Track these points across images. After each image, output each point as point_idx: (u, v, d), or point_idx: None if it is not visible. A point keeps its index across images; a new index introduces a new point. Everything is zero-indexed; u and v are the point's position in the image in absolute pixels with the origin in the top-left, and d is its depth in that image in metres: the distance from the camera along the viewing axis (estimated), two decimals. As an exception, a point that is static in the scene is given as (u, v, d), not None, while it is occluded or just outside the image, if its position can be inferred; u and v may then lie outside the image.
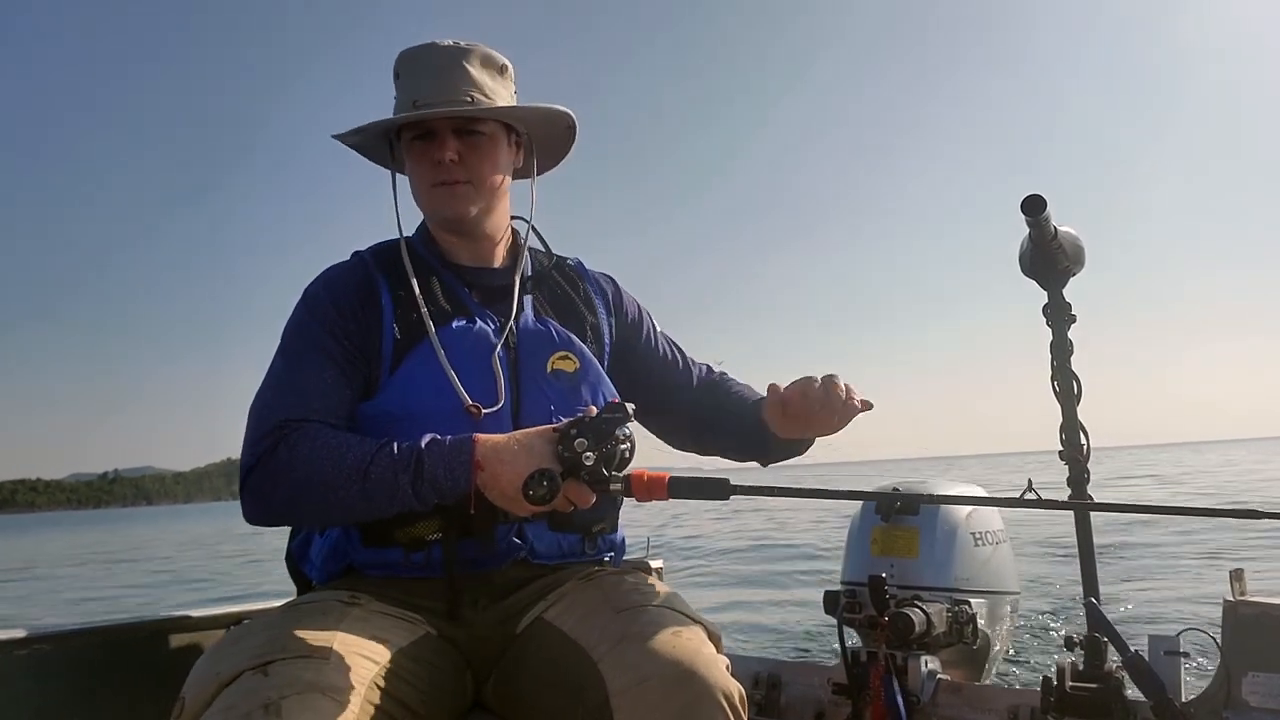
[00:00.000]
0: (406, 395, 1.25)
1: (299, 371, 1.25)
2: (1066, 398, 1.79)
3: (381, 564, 1.26)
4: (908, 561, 1.88)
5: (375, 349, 1.28)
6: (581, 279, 1.50)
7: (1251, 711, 1.52)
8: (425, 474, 1.12)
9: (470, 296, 1.36)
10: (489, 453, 1.11)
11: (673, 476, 1.10)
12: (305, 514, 1.23)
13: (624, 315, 1.52)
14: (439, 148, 1.30)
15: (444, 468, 1.12)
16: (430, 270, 1.37)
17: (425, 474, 1.12)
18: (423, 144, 1.32)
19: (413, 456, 1.13)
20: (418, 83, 1.32)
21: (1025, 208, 1.64)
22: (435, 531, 1.22)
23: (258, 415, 1.22)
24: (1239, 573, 1.61)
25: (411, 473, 1.12)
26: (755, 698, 1.92)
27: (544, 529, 1.30)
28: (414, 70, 1.33)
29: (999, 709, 1.73)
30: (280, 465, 1.15)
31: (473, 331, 1.30)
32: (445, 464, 1.12)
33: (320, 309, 1.30)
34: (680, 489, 1.10)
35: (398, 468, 1.12)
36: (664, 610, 1.17)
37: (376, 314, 1.29)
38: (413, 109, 1.29)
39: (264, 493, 1.17)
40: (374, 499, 1.13)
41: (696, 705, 1.03)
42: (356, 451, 1.14)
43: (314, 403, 1.22)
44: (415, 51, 1.35)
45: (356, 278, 1.34)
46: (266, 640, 1.05)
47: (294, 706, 0.94)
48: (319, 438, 1.16)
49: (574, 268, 1.51)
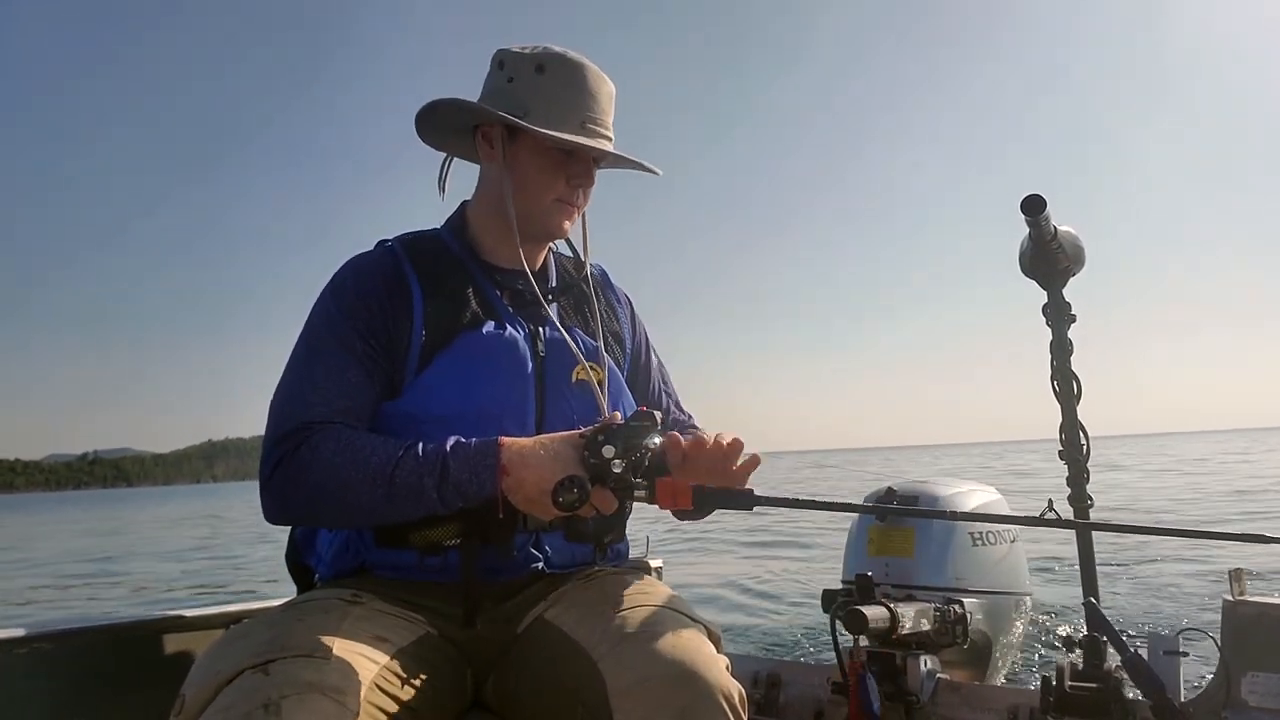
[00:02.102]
0: (432, 398, 1.24)
1: (323, 369, 1.22)
2: (1066, 397, 1.79)
3: (394, 565, 1.25)
4: (903, 561, 1.91)
5: (402, 348, 1.25)
6: (606, 288, 1.51)
7: (1251, 711, 1.52)
8: (450, 477, 1.11)
9: (502, 300, 1.35)
10: (514, 457, 1.10)
11: (697, 485, 1.08)
12: (326, 516, 1.21)
13: (635, 336, 1.53)
14: (584, 175, 1.35)
15: (469, 471, 1.11)
16: (464, 269, 1.35)
17: (450, 477, 1.11)
18: (567, 159, 1.33)
19: (438, 460, 1.11)
20: (587, 102, 1.33)
21: (1025, 208, 1.64)
22: (454, 537, 1.20)
23: (279, 413, 1.20)
24: (1238, 573, 1.61)
25: (437, 476, 1.11)
26: (755, 697, 1.92)
27: (560, 539, 1.28)
28: (580, 87, 1.33)
29: (998, 708, 1.73)
30: (302, 467, 1.14)
31: (503, 338, 1.29)
32: (470, 467, 1.11)
33: (348, 303, 1.27)
34: (705, 498, 1.08)
35: (423, 471, 1.11)
36: (664, 610, 1.17)
37: (406, 312, 1.27)
38: (581, 128, 1.31)
39: (285, 494, 1.16)
40: (398, 502, 1.12)
41: (696, 705, 1.03)
42: (381, 454, 1.13)
43: (337, 403, 1.20)
44: (577, 65, 1.34)
45: (386, 272, 1.30)
46: (267, 639, 1.05)
47: (294, 706, 0.94)
48: (342, 440, 1.15)
49: (599, 276, 1.51)
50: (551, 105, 1.30)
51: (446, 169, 1.43)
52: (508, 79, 1.33)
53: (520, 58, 1.33)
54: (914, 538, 1.92)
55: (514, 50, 1.34)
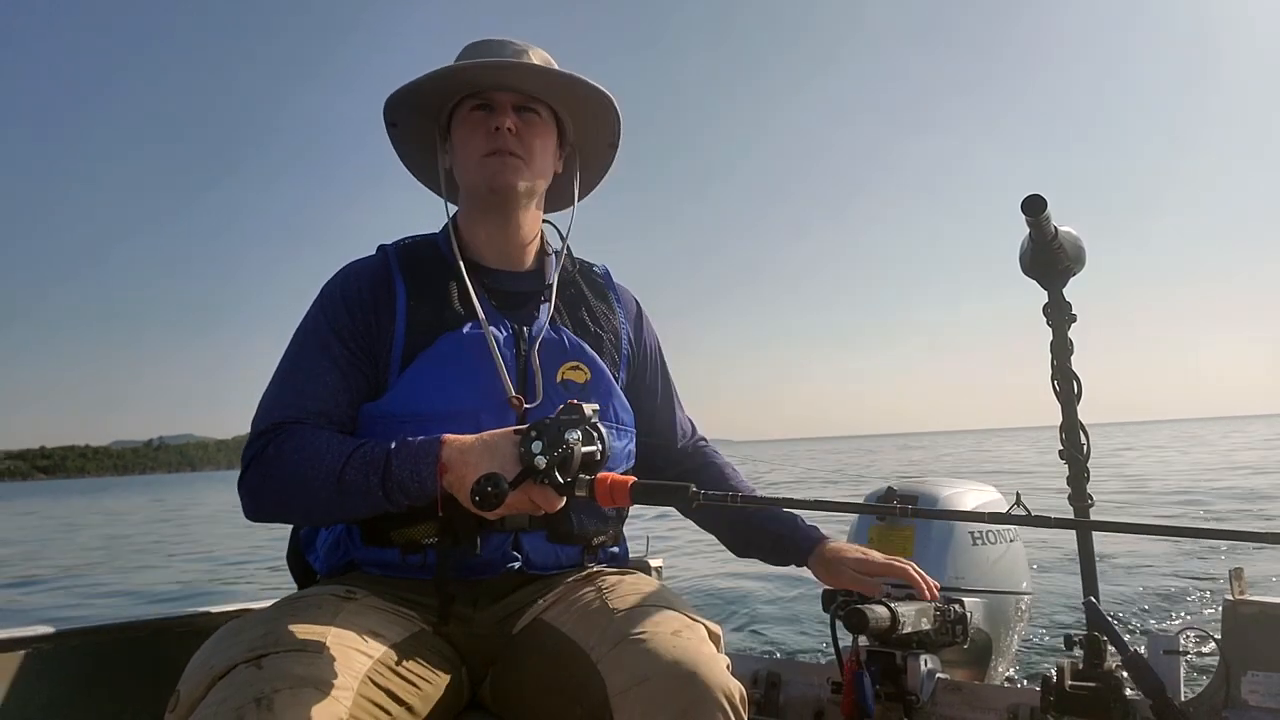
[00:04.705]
0: (411, 398, 1.25)
1: (301, 373, 1.26)
2: (1066, 398, 1.79)
3: (379, 563, 1.27)
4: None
5: (384, 351, 1.28)
6: (608, 289, 1.50)
7: (1251, 710, 1.52)
8: (393, 475, 1.11)
9: (488, 301, 1.35)
10: (454, 454, 1.09)
11: (636, 482, 1.08)
12: (292, 513, 1.25)
13: (642, 341, 1.52)
14: (498, 116, 1.33)
15: (410, 469, 1.11)
16: (451, 271, 1.36)
17: (393, 475, 1.11)
18: (481, 114, 1.34)
19: (383, 458, 1.12)
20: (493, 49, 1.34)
21: (1025, 207, 1.64)
22: (431, 536, 1.22)
23: (258, 413, 1.25)
24: (1239, 572, 1.61)
25: (380, 474, 1.12)
26: (755, 697, 1.92)
27: (541, 540, 1.30)
28: (481, 51, 1.35)
29: (998, 708, 1.73)
30: (269, 465, 1.18)
31: (484, 337, 1.29)
32: (411, 466, 1.11)
33: (332, 309, 1.31)
34: (643, 495, 1.08)
35: (369, 469, 1.12)
36: (663, 610, 1.17)
37: (390, 315, 1.30)
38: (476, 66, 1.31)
39: (255, 491, 1.20)
40: (349, 500, 1.14)
41: (696, 705, 1.03)
42: (334, 453, 1.14)
43: (310, 405, 1.23)
44: (484, 40, 1.37)
45: (374, 277, 1.34)
46: (261, 634, 1.05)
47: (286, 700, 0.94)
48: (303, 438, 1.18)
49: (601, 276, 1.51)
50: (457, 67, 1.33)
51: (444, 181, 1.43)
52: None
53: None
54: (914, 537, 1.91)
55: None
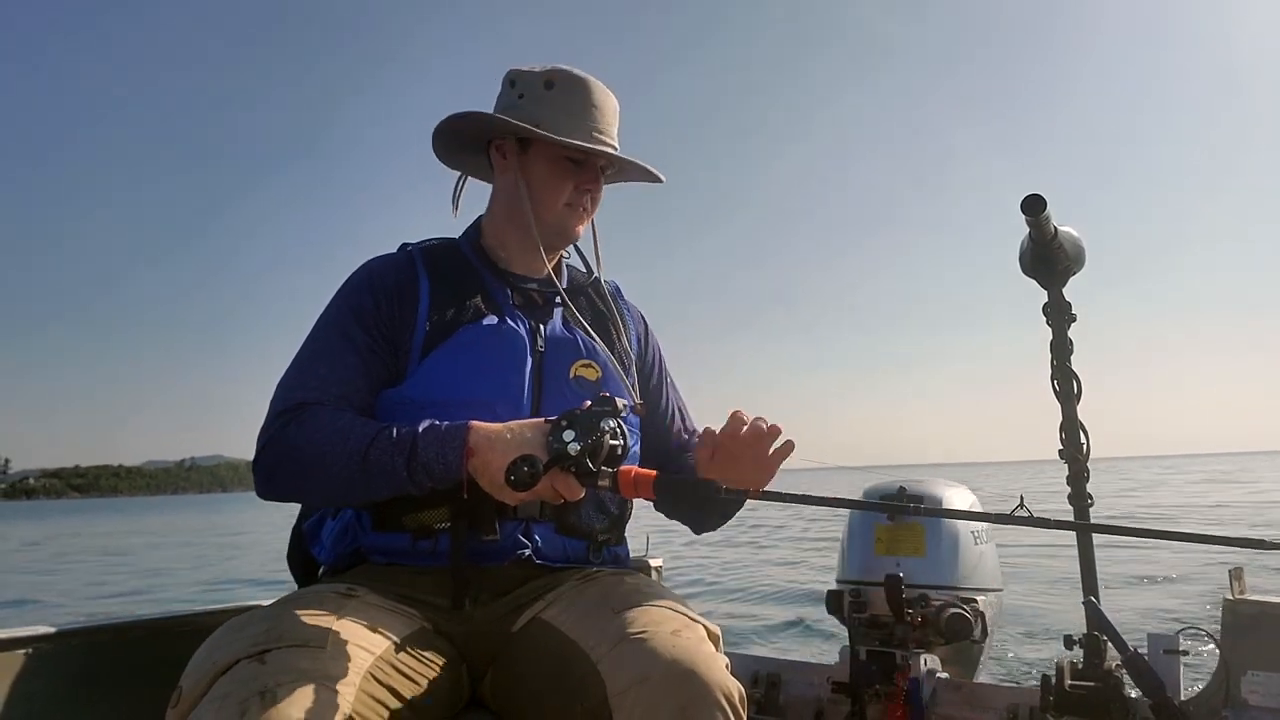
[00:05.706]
0: (430, 385, 1.29)
1: (322, 356, 1.30)
2: (1066, 397, 1.79)
3: (388, 549, 1.29)
4: (915, 560, 1.88)
5: (405, 340, 1.32)
6: (617, 301, 1.57)
7: (1251, 710, 1.52)
8: (419, 458, 1.15)
9: (508, 299, 1.42)
10: (481, 440, 1.14)
11: (660, 475, 1.10)
12: (308, 492, 1.27)
13: (647, 354, 1.59)
14: (592, 181, 1.43)
15: (437, 452, 1.15)
16: (475, 272, 1.43)
17: (419, 458, 1.15)
18: (572, 166, 1.42)
19: (409, 440, 1.16)
20: (593, 114, 1.41)
21: (1025, 207, 1.64)
22: (444, 520, 1.25)
23: (279, 394, 1.27)
24: (1238, 571, 1.61)
25: (406, 456, 1.15)
26: (755, 696, 1.92)
27: (551, 531, 1.32)
28: (586, 100, 1.41)
29: (998, 707, 1.73)
30: (289, 443, 1.20)
31: (502, 330, 1.35)
32: (439, 449, 1.15)
33: (356, 298, 1.35)
34: (667, 489, 1.10)
35: (394, 451, 1.15)
36: (663, 610, 1.17)
37: (412, 306, 1.35)
38: (591, 138, 1.40)
39: (271, 469, 1.22)
40: (372, 480, 1.17)
41: (696, 704, 1.03)
42: (359, 434, 1.18)
43: (332, 388, 1.27)
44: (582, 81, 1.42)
45: (399, 272, 1.39)
46: (263, 630, 1.06)
47: (288, 694, 0.95)
48: (326, 418, 1.21)
49: (611, 290, 1.58)
50: (559, 117, 1.39)
51: (461, 186, 1.52)
52: (519, 95, 1.41)
53: (530, 75, 1.42)
54: (925, 536, 1.90)
55: (524, 69, 1.43)
